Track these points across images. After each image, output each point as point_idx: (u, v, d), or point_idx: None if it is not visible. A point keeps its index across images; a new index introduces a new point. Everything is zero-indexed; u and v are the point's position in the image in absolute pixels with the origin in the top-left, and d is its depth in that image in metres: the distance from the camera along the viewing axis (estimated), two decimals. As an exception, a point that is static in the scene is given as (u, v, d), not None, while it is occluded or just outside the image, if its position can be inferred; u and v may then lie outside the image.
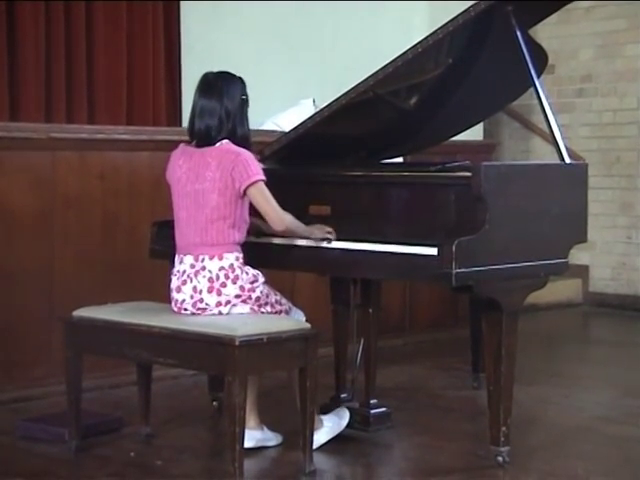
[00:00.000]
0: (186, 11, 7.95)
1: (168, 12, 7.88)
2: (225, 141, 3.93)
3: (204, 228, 3.91)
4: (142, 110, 7.66)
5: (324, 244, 4.00)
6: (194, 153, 3.97)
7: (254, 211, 3.99)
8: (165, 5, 7.85)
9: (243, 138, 3.96)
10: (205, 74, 4.04)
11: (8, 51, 6.97)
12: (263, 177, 3.90)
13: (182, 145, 4.07)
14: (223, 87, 3.97)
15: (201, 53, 7.84)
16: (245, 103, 4.00)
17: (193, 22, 7.96)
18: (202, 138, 3.96)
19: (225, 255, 3.90)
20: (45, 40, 7.09)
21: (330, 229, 4.03)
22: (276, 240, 4.13)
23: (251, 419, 4.05)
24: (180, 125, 7.69)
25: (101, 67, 7.40)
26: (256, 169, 3.90)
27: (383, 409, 4.44)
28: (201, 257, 3.91)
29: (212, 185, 3.89)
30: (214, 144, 3.93)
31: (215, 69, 4.10)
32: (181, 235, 4.00)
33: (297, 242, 4.07)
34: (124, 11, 7.55)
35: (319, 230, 4.03)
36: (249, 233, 4.03)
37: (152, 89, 7.71)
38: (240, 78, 4.03)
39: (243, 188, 3.88)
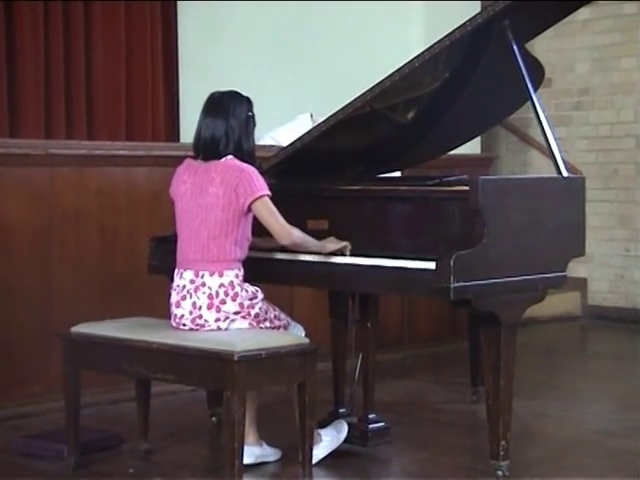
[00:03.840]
0: (184, 27, 7.98)
1: (166, 28, 7.91)
2: (230, 157, 3.93)
3: (206, 244, 3.91)
4: (141, 126, 7.69)
5: (335, 259, 3.98)
6: (199, 168, 3.97)
7: (254, 230, 3.98)
8: (163, 21, 7.89)
9: (248, 154, 3.96)
10: (212, 94, 4.04)
11: (7, 67, 6.99)
12: (268, 192, 3.90)
13: (187, 160, 4.05)
14: (229, 106, 3.97)
15: (199, 69, 7.87)
16: (250, 120, 4.00)
17: (191, 38, 7.99)
18: (208, 149, 3.95)
19: (225, 272, 3.89)
20: (44, 56, 7.12)
21: (346, 243, 4.01)
22: (276, 255, 4.13)
23: (250, 435, 4.04)
24: (178, 140, 7.72)
25: (100, 83, 7.44)
26: (260, 184, 3.89)
27: (382, 424, 4.44)
28: (201, 273, 3.90)
29: (215, 201, 3.88)
30: (220, 158, 3.93)
31: (213, 84, 4.11)
32: (182, 250, 3.99)
33: (297, 257, 4.07)
34: (122, 27, 7.58)
35: (332, 243, 4.01)
36: (250, 249, 4.03)
37: (151, 105, 7.74)
38: (247, 97, 4.03)
39: (247, 204, 3.87)
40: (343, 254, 3.99)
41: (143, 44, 7.73)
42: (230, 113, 3.95)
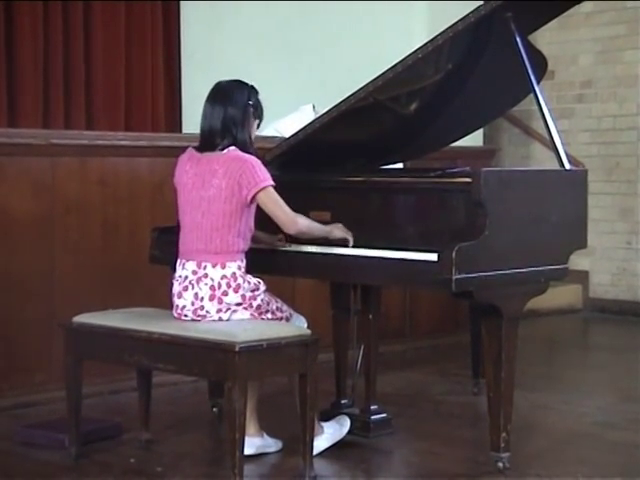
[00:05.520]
0: (186, 17, 7.97)
1: (167, 17, 7.91)
2: (232, 148, 3.92)
3: (208, 235, 3.90)
4: (140, 115, 7.68)
5: (337, 250, 3.98)
6: (201, 159, 3.96)
7: (257, 222, 3.98)
8: (164, 10, 7.87)
9: (242, 143, 3.94)
10: (217, 82, 4.04)
11: (6, 57, 6.99)
12: (272, 182, 3.89)
13: (190, 149, 4.04)
14: (229, 93, 3.97)
15: (202, 59, 7.87)
16: (250, 108, 3.98)
17: (193, 28, 7.99)
18: (206, 140, 3.95)
19: (228, 264, 3.89)
20: (43, 46, 7.11)
21: (349, 232, 4.00)
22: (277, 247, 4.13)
23: (251, 425, 4.05)
24: (180, 131, 7.71)
25: (99, 72, 7.43)
26: (264, 175, 3.88)
27: (383, 415, 4.44)
28: (203, 264, 3.90)
29: (218, 193, 3.88)
30: (219, 149, 3.92)
31: (215, 75, 4.11)
32: (184, 240, 3.99)
33: (300, 248, 4.07)
34: (122, 16, 7.58)
35: (339, 230, 4.01)
36: (252, 242, 4.03)
37: (151, 94, 7.73)
38: (251, 86, 4.02)
39: (251, 195, 3.86)
40: (346, 244, 3.99)
41: (143, 33, 7.72)
42: (229, 101, 3.94)
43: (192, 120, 5.64)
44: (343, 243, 3.99)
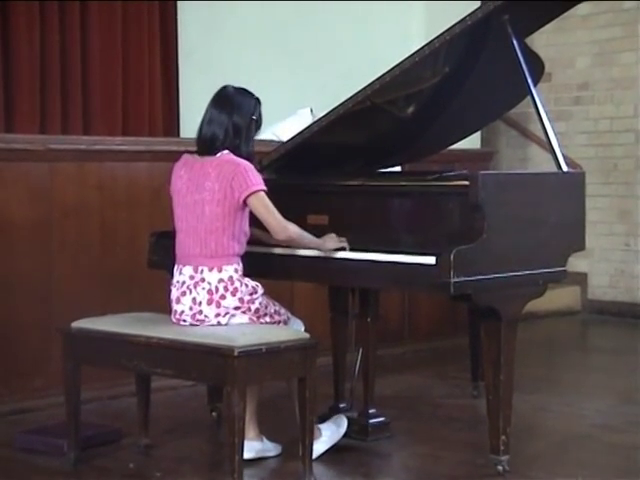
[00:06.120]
0: (184, 17, 7.96)
1: (165, 18, 7.88)
2: (226, 152, 3.93)
3: (203, 239, 3.91)
4: (138, 118, 7.66)
5: (337, 254, 3.98)
6: (195, 163, 3.97)
7: (255, 222, 3.98)
8: (161, 11, 7.85)
9: (246, 155, 3.95)
10: (224, 86, 4.04)
11: (3, 62, 6.97)
12: (263, 187, 3.90)
13: (185, 155, 4.06)
14: (236, 102, 3.97)
15: (199, 60, 7.86)
16: (254, 123, 3.99)
17: (191, 29, 7.98)
18: (206, 145, 3.95)
19: (224, 267, 3.89)
20: (39, 47, 7.10)
21: (342, 238, 4.00)
22: (275, 250, 4.13)
23: (250, 430, 4.05)
24: (178, 135, 7.71)
25: (96, 74, 7.41)
26: (256, 179, 3.89)
27: (382, 418, 4.44)
28: (200, 268, 3.90)
29: (211, 196, 3.88)
30: (215, 154, 3.93)
31: (213, 76, 4.11)
32: (180, 246, 3.99)
33: (297, 252, 4.07)
34: (119, 19, 7.56)
35: (332, 241, 4.01)
36: (249, 244, 4.03)
37: (148, 98, 7.72)
38: (257, 98, 4.03)
39: (243, 198, 3.87)
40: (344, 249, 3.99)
41: (141, 36, 7.69)
42: (235, 110, 3.95)
43: (190, 123, 5.64)
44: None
